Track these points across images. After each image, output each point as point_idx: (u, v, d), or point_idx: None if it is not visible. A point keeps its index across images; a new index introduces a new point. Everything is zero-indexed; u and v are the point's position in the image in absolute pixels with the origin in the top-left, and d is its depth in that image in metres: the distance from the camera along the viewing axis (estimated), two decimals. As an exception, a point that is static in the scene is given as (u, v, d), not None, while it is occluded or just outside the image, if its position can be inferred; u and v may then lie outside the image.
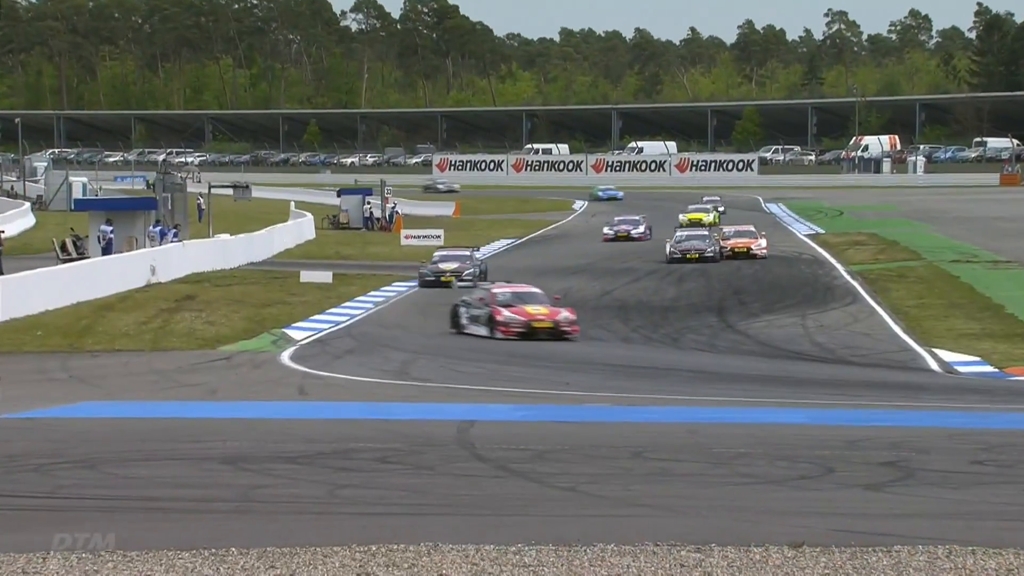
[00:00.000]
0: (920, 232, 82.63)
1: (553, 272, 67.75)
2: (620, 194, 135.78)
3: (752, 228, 78.89)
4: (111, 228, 70.21)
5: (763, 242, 74.53)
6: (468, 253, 67.16)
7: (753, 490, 19.92)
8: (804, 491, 19.85)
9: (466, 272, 63.49)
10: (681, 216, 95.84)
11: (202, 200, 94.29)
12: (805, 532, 15.10)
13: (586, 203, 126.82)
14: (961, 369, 43.66)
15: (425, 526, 15.48)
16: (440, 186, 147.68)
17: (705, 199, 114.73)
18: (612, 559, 13.61)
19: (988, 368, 43.68)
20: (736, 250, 73.28)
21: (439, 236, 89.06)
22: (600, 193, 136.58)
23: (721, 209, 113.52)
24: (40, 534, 15.04)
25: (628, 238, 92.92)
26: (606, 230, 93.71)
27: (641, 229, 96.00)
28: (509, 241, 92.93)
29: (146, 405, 30.54)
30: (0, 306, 45.61)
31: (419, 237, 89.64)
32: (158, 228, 73.06)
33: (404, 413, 29.85)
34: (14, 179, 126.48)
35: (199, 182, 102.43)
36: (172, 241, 70.64)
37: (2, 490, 19.37)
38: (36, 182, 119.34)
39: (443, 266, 63.08)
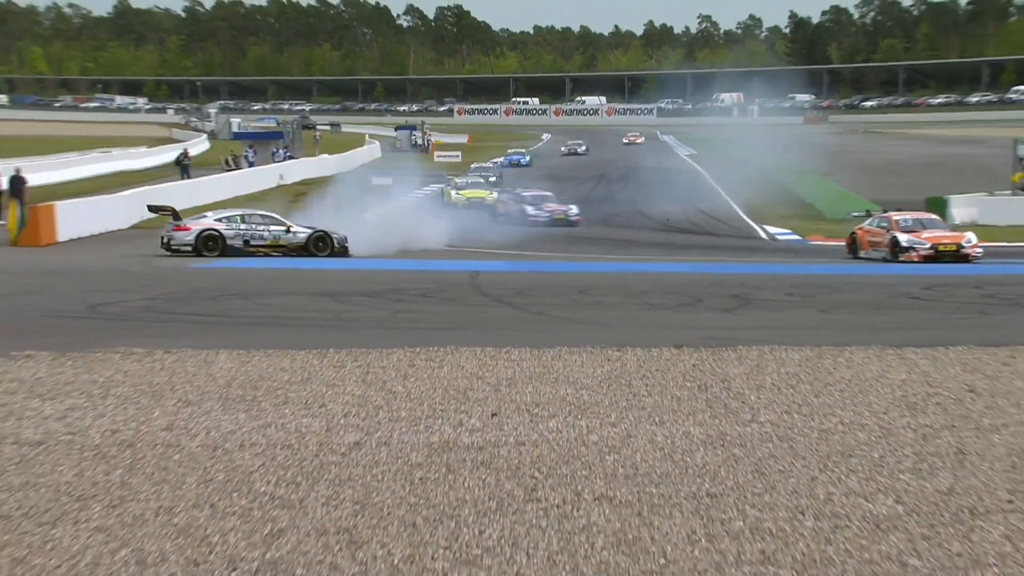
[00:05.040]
0: (755, 153, 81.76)
1: (532, 178, 67.23)
2: (526, 158, 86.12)
3: (937, 217, 36.04)
4: (253, 151, 71.03)
5: (972, 236, 32.84)
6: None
7: (653, 313, 19.90)
8: (683, 314, 19.82)
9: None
10: (455, 193, 53.48)
11: (318, 134, 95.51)
12: (684, 338, 15.09)
13: (548, 135, 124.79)
14: (780, 237, 43.84)
15: (449, 336, 15.45)
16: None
17: (629, 135, 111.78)
18: (566, 356, 13.58)
19: (796, 237, 43.85)
20: (941, 248, 31.73)
21: (458, 155, 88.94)
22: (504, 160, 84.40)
23: (583, 149, 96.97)
24: (214, 339, 15.03)
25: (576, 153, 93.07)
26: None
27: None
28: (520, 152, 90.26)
29: (276, 260, 30.33)
30: (188, 197, 45.41)
31: (446, 156, 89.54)
32: (278, 151, 74.51)
33: (436, 266, 29.74)
34: (196, 120, 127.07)
35: (312, 123, 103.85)
36: (285, 159, 71.45)
37: (191, 310, 19.36)
38: (210, 122, 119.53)
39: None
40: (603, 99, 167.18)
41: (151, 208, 34.05)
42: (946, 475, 8.50)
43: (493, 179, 62.87)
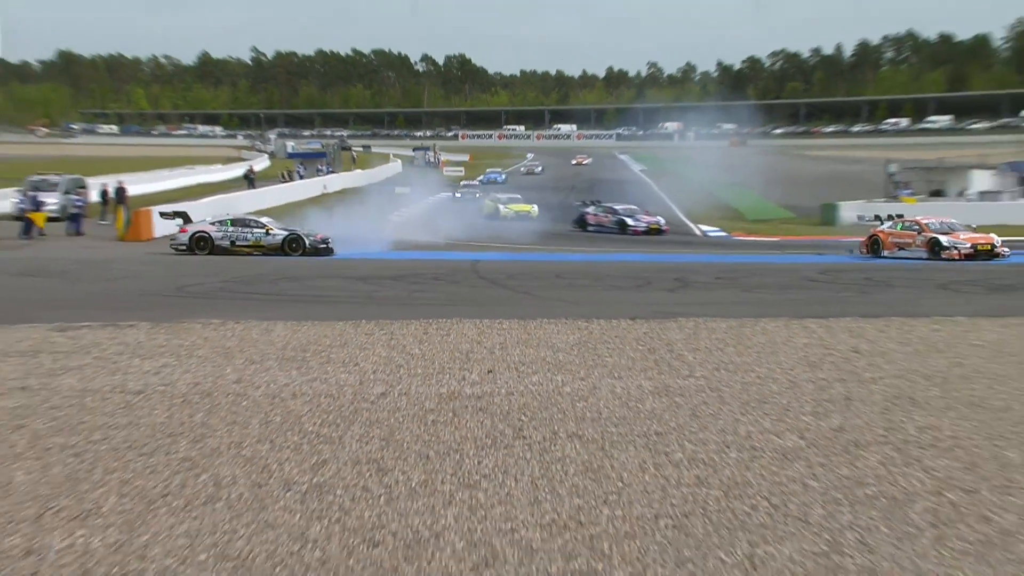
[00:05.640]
0: (692, 169, 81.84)
1: (521, 187, 67.12)
2: (502, 176, 78.74)
3: (955, 220, 31.72)
4: (303, 167, 71.12)
5: (997, 238, 30.20)
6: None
7: (614, 292, 19.88)
8: (637, 292, 19.82)
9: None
10: (503, 208, 48.73)
11: (354, 153, 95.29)
12: (637, 312, 15.10)
13: (532, 155, 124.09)
14: (710, 234, 43.81)
15: (455, 310, 15.45)
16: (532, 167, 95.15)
17: (577, 156, 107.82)
18: (546, 326, 13.58)
19: (723, 233, 43.82)
20: (980, 248, 29.30)
21: (462, 170, 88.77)
22: (483, 177, 77.43)
23: (539, 169, 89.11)
24: (273, 312, 15.01)
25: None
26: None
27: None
28: (497, 171, 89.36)
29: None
30: (254, 204, 45.28)
31: (452, 171, 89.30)
32: (322, 167, 74.64)
33: (445, 255, 29.74)
34: (259, 143, 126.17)
35: (348, 146, 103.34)
36: (327, 174, 71.37)
37: (254, 291, 19.30)
38: (270, 145, 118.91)
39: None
40: (574, 127, 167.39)
41: (162, 215, 32.25)
42: (837, 416, 8.52)
43: (479, 195, 56.79)
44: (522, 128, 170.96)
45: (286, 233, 29.06)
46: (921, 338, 12.85)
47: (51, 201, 38.54)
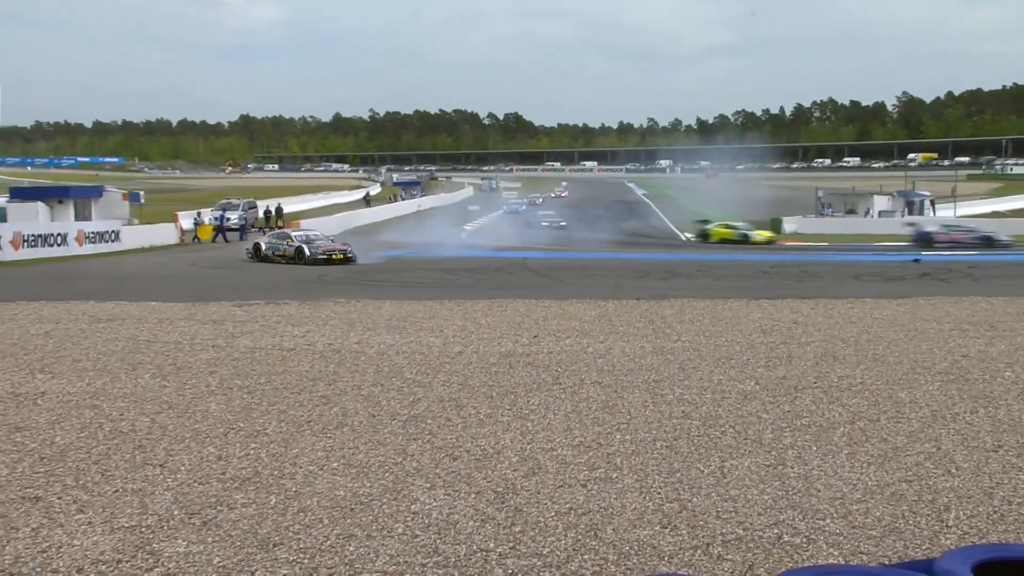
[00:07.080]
0: (678, 193, 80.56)
1: (562, 205, 66.59)
2: (522, 207, 60.34)
3: None
4: (404, 192, 71.05)
5: None
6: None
7: (623, 280, 19.65)
8: (639, 281, 19.58)
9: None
10: (752, 234, 38.53)
11: (441, 182, 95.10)
12: (640, 294, 14.96)
13: (566, 183, 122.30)
14: (692, 239, 43.10)
15: (510, 292, 15.42)
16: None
17: (556, 189, 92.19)
18: (575, 304, 13.50)
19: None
20: None
21: (515, 193, 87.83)
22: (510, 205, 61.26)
23: (540, 200, 71.55)
24: (382, 294, 15.08)
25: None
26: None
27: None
28: (545, 192, 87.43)
29: (415, 253, 30.23)
30: (369, 217, 45.37)
31: (508, 193, 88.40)
32: (417, 192, 74.18)
33: (503, 254, 29.59)
34: (374, 176, 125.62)
35: (436, 176, 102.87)
36: (421, 196, 70.95)
37: (369, 279, 19.37)
38: (381, 177, 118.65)
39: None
40: (595, 164, 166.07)
41: (278, 231, 30.05)
42: (782, 369, 8.38)
43: (562, 223, 45.78)
44: (558, 164, 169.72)
45: (297, 245, 25.31)
46: (840, 313, 12.60)
47: (233, 216, 39.21)
